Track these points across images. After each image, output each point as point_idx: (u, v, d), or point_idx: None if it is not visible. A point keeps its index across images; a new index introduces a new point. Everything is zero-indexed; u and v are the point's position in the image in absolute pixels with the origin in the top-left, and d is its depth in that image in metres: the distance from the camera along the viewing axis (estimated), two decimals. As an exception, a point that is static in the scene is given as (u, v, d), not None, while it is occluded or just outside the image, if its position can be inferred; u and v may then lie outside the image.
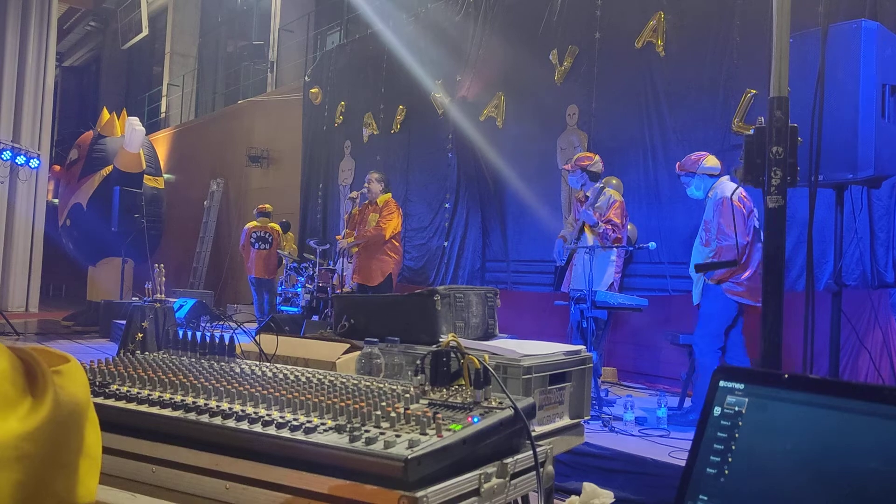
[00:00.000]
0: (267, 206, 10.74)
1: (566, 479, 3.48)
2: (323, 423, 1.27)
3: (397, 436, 1.20)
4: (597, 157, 5.67)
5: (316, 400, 1.37)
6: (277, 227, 10.69)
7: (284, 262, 10.76)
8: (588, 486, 1.58)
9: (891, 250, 4.83)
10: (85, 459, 0.76)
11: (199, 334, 1.85)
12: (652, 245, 5.23)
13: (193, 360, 1.76)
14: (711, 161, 4.77)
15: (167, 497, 1.29)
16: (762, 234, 4.53)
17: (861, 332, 4.59)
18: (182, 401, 1.40)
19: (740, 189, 4.45)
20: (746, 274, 4.50)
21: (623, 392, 5.67)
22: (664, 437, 4.23)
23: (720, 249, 4.51)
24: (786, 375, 1.00)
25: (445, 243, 8.83)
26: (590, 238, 5.44)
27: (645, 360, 6.32)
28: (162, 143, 17.38)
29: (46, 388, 0.71)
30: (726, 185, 4.61)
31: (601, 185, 5.60)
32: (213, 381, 1.50)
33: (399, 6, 10.09)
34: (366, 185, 7.34)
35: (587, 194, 5.54)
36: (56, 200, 14.64)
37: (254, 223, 10.59)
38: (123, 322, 8.07)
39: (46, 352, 0.78)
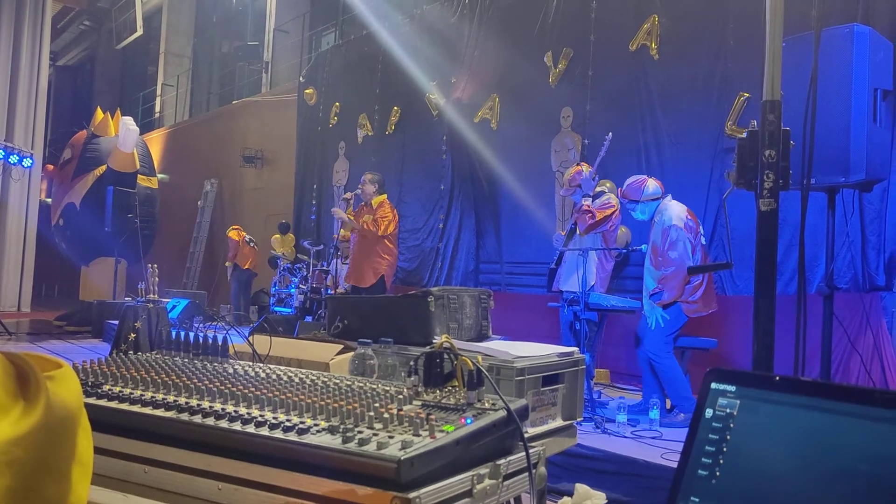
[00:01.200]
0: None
1: (559, 481, 3.48)
2: (316, 424, 1.27)
3: (390, 437, 1.20)
4: (584, 167, 5.68)
5: (309, 401, 1.37)
6: None
7: (279, 262, 10.76)
8: (580, 488, 1.59)
9: (882, 254, 4.86)
10: (77, 466, 0.76)
11: (192, 335, 1.84)
12: (644, 247, 5.25)
13: (186, 360, 1.76)
14: (652, 185, 4.95)
15: (159, 497, 1.29)
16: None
17: (852, 335, 4.62)
18: (175, 401, 1.40)
19: (685, 211, 4.74)
20: (700, 292, 4.75)
21: (616, 394, 5.69)
22: (656, 438, 4.24)
23: (665, 278, 4.74)
24: (777, 378, 1.00)
25: (439, 244, 8.84)
26: (576, 228, 5.46)
27: (638, 362, 6.33)
28: (156, 142, 17.34)
29: (39, 393, 0.70)
30: (671, 209, 4.81)
31: (600, 189, 5.62)
32: (206, 382, 1.50)
33: (394, 7, 10.09)
34: (360, 186, 7.33)
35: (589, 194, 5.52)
36: (49, 200, 14.59)
37: (238, 228, 12.22)
38: (116, 322, 8.04)
39: (40, 357, 0.78)
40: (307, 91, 11.77)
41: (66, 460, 0.73)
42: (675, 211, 4.80)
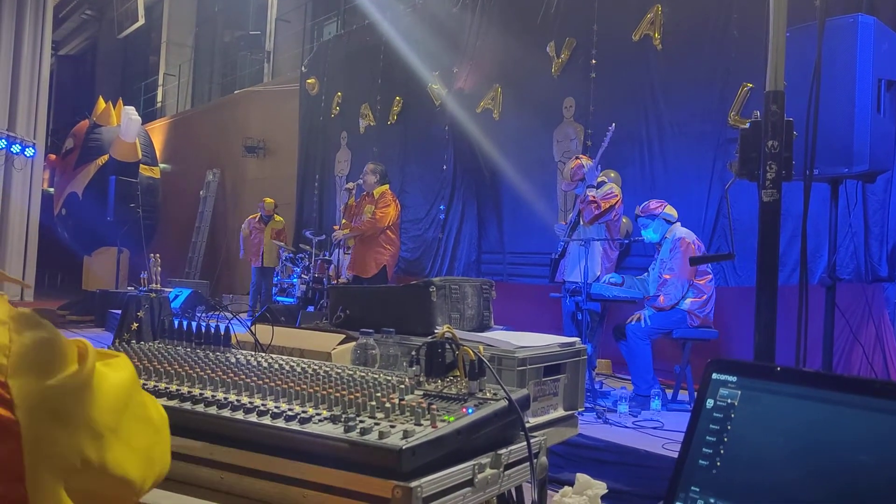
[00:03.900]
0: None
1: (560, 471, 3.49)
2: (318, 414, 1.27)
3: (392, 426, 1.20)
4: (584, 159, 5.69)
5: (311, 390, 1.38)
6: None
7: (280, 252, 10.76)
8: (581, 477, 1.59)
9: (885, 245, 4.85)
10: (118, 436, 0.85)
11: (194, 324, 1.85)
12: (647, 239, 5.26)
13: (189, 349, 1.76)
14: (669, 209, 5.23)
15: (161, 486, 1.29)
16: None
17: (855, 326, 4.61)
18: (177, 390, 1.40)
19: (694, 236, 5.11)
20: (708, 309, 5.00)
21: (617, 384, 5.70)
22: (658, 428, 4.25)
23: (664, 282, 5.01)
24: (778, 368, 1.00)
25: (441, 235, 8.83)
26: (581, 218, 5.49)
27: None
28: (158, 132, 17.32)
29: (92, 364, 0.83)
30: (682, 230, 5.16)
31: (601, 178, 5.64)
32: (209, 371, 1.50)
33: (396, -3, 10.06)
34: (362, 176, 7.34)
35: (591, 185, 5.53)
36: (52, 189, 14.60)
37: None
38: (119, 312, 8.06)
39: (100, 352, 0.91)
40: (309, 81, 11.74)
41: (95, 422, 0.82)
42: (686, 231, 5.16)
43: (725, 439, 0.98)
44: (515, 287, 7.53)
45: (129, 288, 9.24)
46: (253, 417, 1.27)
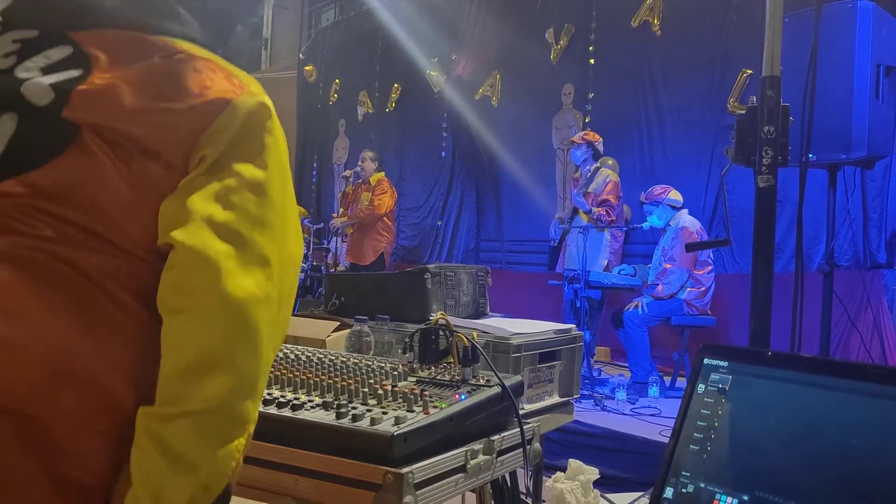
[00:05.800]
0: None
1: (556, 457, 3.50)
2: (310, 400, 1.27)
3: (384, 413, 1.21)
4: (592, 136, 5.71)
5: (304, 377, 1.38)
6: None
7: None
8: (573, 463, 1.59)
9: (883, 231, 4.85)
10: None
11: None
12: (645, 225, 5.26)
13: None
14: (675, 194, 5.18)
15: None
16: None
17: (852, 313, 4.61)
18: (170, 377, 1.40)
19: (698, 224, 5.10)
20: (706, 300, 5.01)
21: (616, 371, 5.71)
22: (655, 415, 4.26)
23: (665, 272, 5.01)
24: (769, 353, 1.00)
25: (440, 222, 8.82)
26: (584, 218, 5.49)
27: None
28: (156, 120, 17.26)
29: None
30: (687, 218, 5.12)
31: (598, 165, 5.62)
32: (202, 358, 1.50)
33: (394, -17, 9.97)
34: (359, 163, 7.34)
35: (583, 175, 5.56)
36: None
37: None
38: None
39: None
40: (307, 68, 11.69)
41: None
42: (691, 220, 5.12)
43: (716, 424, 0.98)
44: (514, 275, 7.53)
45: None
46: (245, 404, 1.26)
